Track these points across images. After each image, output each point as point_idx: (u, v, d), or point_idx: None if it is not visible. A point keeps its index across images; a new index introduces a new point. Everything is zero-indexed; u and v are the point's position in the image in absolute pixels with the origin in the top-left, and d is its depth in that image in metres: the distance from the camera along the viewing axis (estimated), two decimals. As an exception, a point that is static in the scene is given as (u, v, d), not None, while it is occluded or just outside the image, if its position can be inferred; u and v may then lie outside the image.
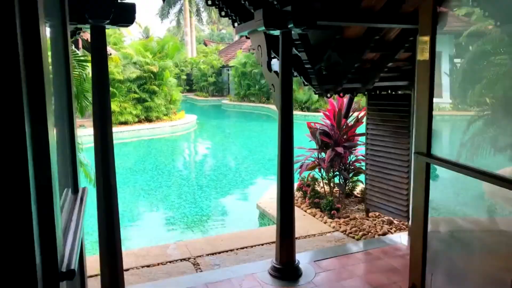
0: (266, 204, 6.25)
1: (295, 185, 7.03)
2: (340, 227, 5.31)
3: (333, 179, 6.33)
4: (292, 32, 3.81)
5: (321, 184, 6.64)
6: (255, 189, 8.52)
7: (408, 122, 4.85)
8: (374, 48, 4.67)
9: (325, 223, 5.50)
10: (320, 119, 6.69)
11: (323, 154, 6.27)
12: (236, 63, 26.97)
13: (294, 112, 15.81)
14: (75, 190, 2.10)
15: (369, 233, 5.11)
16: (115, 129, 15.24)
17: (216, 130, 18.85)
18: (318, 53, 4.56)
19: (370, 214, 5.70)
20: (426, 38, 2.82)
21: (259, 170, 10.45)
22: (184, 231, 6.20)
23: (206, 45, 44.06)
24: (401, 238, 4.90)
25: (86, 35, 13.61)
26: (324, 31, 4.44)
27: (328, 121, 6.43)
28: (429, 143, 2.86)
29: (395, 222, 5.44)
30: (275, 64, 4.24)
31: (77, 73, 5.03)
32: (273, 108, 23.13)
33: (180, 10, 50.47)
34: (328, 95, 5.14)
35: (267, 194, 6.82)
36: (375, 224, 5.40)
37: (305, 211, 5.95)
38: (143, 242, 5.74)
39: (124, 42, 25.91)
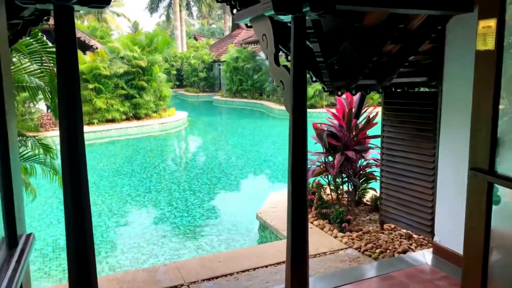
0: (267, 215, 5.59)
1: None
2: (353, 242, 4.68)
3: (341, 186, 5.70)
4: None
5: (327, 191, 6.01)
6: (253, 195, 7.86)
7: (434, 124, 4.22)
8: (397, 38, 4.01)
9: (335, 237, 4.87)
10: (326, 119, 6.04)
11: (330, 158, 5.63)
12: (227, 57, 26.21)
13: None
14: (12, 243, 1.40)
15: (387, 251, 4.49)
16: (101, 127, 14.49)
17: (208, 127, 18.12)
18: (332, 44, 3.89)
19: (385, 226, 5.09)
20: (491, 22, 2.17)
21: (256, 172, 9.79)
22: (176, 247, 5.52)
23: (196, 39, 43.16)
24: (425, 257, 4.28)
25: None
26: (340, 19, 3.78)
27: (336, 121, 5.78)
28: (493, 157, 2.23)
29: (414, 236, 4.83)
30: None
31: (48, 67, 4.29)
32: (266, 104, 22.51)
33: (170, 4, 49.41)
34: (339, 92, 4.48)
35: (267, 202, 6.17)
36: (392, 239, 4.78)
37: (312, 223, 5.31)
38: (128, 261, 5.05)
39: (112, 36, 24.98)
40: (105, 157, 11.43)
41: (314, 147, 6.16)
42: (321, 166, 5.63)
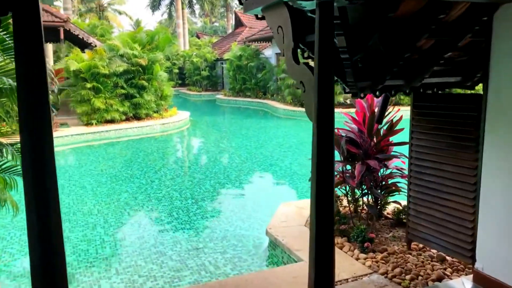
0: (278, 231, 5.00)
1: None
2: (378, 266, 4.09)
3: (361, 199, 5.11)
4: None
5: (344, 202, 5.43)
6: (261, 205, 7.28)
7: (476, 132, 3.62)
8: (435, 31, 3.41)
9: (357, 259, 4.28)
10: (344, 123, 5.44)
11: (348, 167, 5.04)
12: (231, 56, 25.62)
13: (293, 108, 14.52)
14: None
15: (419, 277, 3.90)
16: (100, 128, 13.91)
17: (210, 128, 17.55)
18: (360, 38, 3.29)
19: (412, 246, 4.50)
20: None
21: (262, 178, 9.21)
22: (177, 266, 4.94)
23: (199, 37, 42.60)
24: (465, 286, 3.69)
25: (69, 25, 12.05)
26: (370, 8, 3.19)
27: (354, 126, 5.19)
28: None
29: (447, 259, 4.23)
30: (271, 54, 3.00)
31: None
32: (270, 104, 21.93)
33: (172, 2, 48.86)
34: (362, 94, 3.88)
35: (277, 215, 5.58)
36: (422, 262, 4.19)
37: (329, 240, 4.72)
38: (123, 284, 4.48)
39: (112, 34, 24.44)
40: (103, 160, 10.88)
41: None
42: (339, 176, 5.03)
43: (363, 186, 4.96)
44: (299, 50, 3.50)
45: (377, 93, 4.08)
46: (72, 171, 9.76)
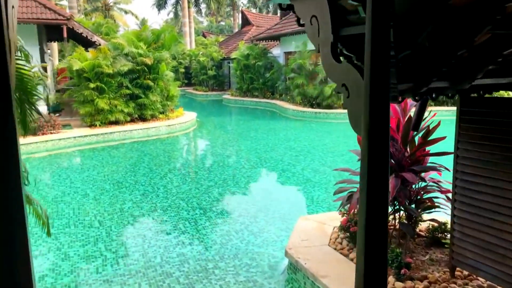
0: (299, 251, 4.43)
1: (334, 220, 5.23)
2: (420, 299, 3.51)
3: (394, 216, 4.52)
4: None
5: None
6: (274, 217, 6.72)
7: (543, 144, 3.03)
8: (500, 23, 2.81)
9: (393, 287, 3.70)
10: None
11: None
12: (238, 55, 25.05)
13: (303, 109, 13.76)
14: None
15: (470, 314, 3.31)
16: (104, 129, 13.38)
17: (218, 130, 17.01)
18: (409, 31, 2.71)
19: (456, 272, 3.91)
20: None
21: (275, 186, 8.64)
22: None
23: (205, 36, 42.12)
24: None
25: (72, 23, 11.53)
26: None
27: (384, 133, 4.59)
28: None
29: (500, 290, 3.63)
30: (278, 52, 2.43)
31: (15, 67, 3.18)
32: (279, 104, 21.37)
33: (178, 1, 48.45)
34: (400, 98, 3.28)
35: (297, 231, 5.01)
36: (471, 294, 3.60)
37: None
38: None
39: (118, 32, 24.00)
40: (107, 165, 10.37)
41: (355, 164, 5.00)
42: (368, 190, 4.44)
43: (395, 201, 4.37)
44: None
45: (417, 96, 3.49)
46: (74, 176, 9.26)
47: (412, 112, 4.79)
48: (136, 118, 15.25)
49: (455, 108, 4.14)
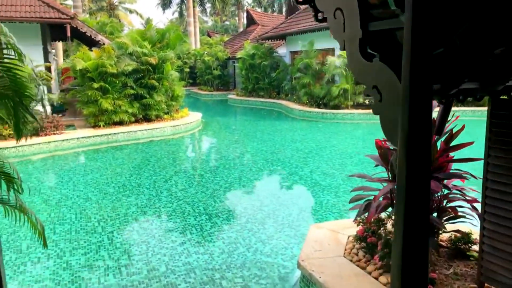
0: (313, 264, 4.15)
1: (347, 228, 4.94)
2: (447, 319, 3.22)
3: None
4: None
5: (388, 226, 4.56)
6: (283, 224, 6.44)
7: None
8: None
9: (416, 307, 3.40)
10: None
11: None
12: (243, 54, 24.78)
13: (310, 109, 13.40)
14: None
15: (505, 338, 3.02)
16: (108, 130, 13.14)
17: (223, 130, 16.75)
18: (445, 25, 2.43)
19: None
20: None
21: (283, 190, 8.35)
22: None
23: (210, 36, 41.90)
24: None
25: (75, 22, 11.30)
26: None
27: (404, 137, 4.30)
28: None
29: (536, 309, 3.33)
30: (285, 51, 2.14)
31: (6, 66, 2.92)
32: (285, 104, 21.11)
33: (183, 0, 48.27)
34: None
35: (309, 241, 4.73)
36: (503, 314, 3.30)
37: (377, 278, 3.86)
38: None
39: (122, 32, 23.81)
40: (110, 167, 10.14)
41: (372, 169, 4.72)
42: (387, 198, 4.16)
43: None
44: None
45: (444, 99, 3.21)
46: (77, 179, 9.03)
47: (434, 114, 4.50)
48: (141, 118, 15.03)
49: (479, 108, 3.86)
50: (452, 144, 4.12)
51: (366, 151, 11.35)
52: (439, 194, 4.19)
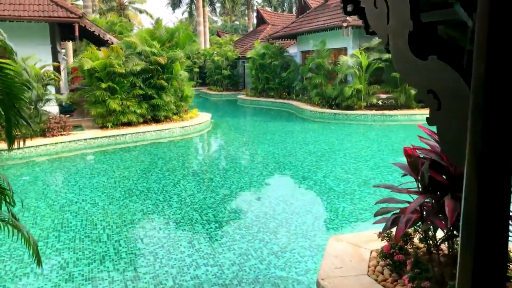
0: (334, 284, 3.78)
1: (370, 242, 4.56)
2: None
3: (449, 243, 3.82)
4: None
5: (414, 240, 4.17)
6: (296, 233, 6.07)
7: None
8: None
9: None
10: (417, 137, 4.17)
11: (428, 199, 3.77)
12: (253, 54, 24.44)
13: (321, 110, 12.93)
14: None
15: None
16: (116, 131, 12.80)
17: (233, 132, 16.42)
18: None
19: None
20: None
21: (295, 196, 7.96)
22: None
23: (219, 36, 41.67)
24: None
25: (84, 21, 11.04)
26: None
27: (435, 143, 3.91)
28: None
29: None
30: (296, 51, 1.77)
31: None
32: (295, 104, 20.74)
33: (192, 0, 48.13)
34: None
35: (328, 256, 4.35)
36: None
37: (407, 302, 3.47)
38: None
39: (132, 32, 23.64)
40: (118, 170, 9.87)
41: (397, 178, 4.33)
42: (417, 213, 3.77)
43: (451, 227, 3.68)
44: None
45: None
46: (83, 182, 8.77)
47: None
48: (149, 119, 14.77)
49: None
50: None
51: (381, 154, 10.93)
52: None
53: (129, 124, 14.00)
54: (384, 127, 15.73)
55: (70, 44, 28.53)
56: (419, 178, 3.74)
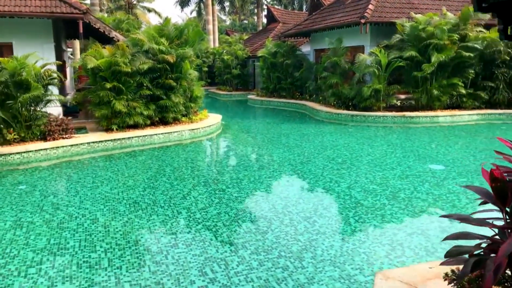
0: None
1: (427, 280, 3.69)
2: None
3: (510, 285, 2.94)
4: None
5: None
6: (323, 260, 5.22)
7: None
8: None
9: None
10: (496, 153, 3.29)
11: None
12: (265, 52, 23.59)
13: (337, 111, 11.81)
14: None
15: None
16: (121, 134, 11.78)
17: (245, 134, 15.58)
18: None
19: None
20: None
21: (318, 212, 7.02)
22: None
23: (228, 34, 40.90)
24: None
25: (88, 17, 10.18)
26: None
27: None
28: None
29: None
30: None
31: None
32: (309, 105, 19.91)
33: (201, -2, 47.41)
34: None
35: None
36: None
37: None
38: None
39: (140, 30, 22.93)
40: (123, 178, 9.09)
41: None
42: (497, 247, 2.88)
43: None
44: None
45: None
46: (84, 193, 8.01)
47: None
48: (157, 121, 14.00)
49: None
50: None
51: (407, 161, 10.00)
52: None
53: (135, 126, 13.24)
54: (406, 130, 14.78)
55: (77, 43, 27.93)
56: (507, 209, 2.87)
